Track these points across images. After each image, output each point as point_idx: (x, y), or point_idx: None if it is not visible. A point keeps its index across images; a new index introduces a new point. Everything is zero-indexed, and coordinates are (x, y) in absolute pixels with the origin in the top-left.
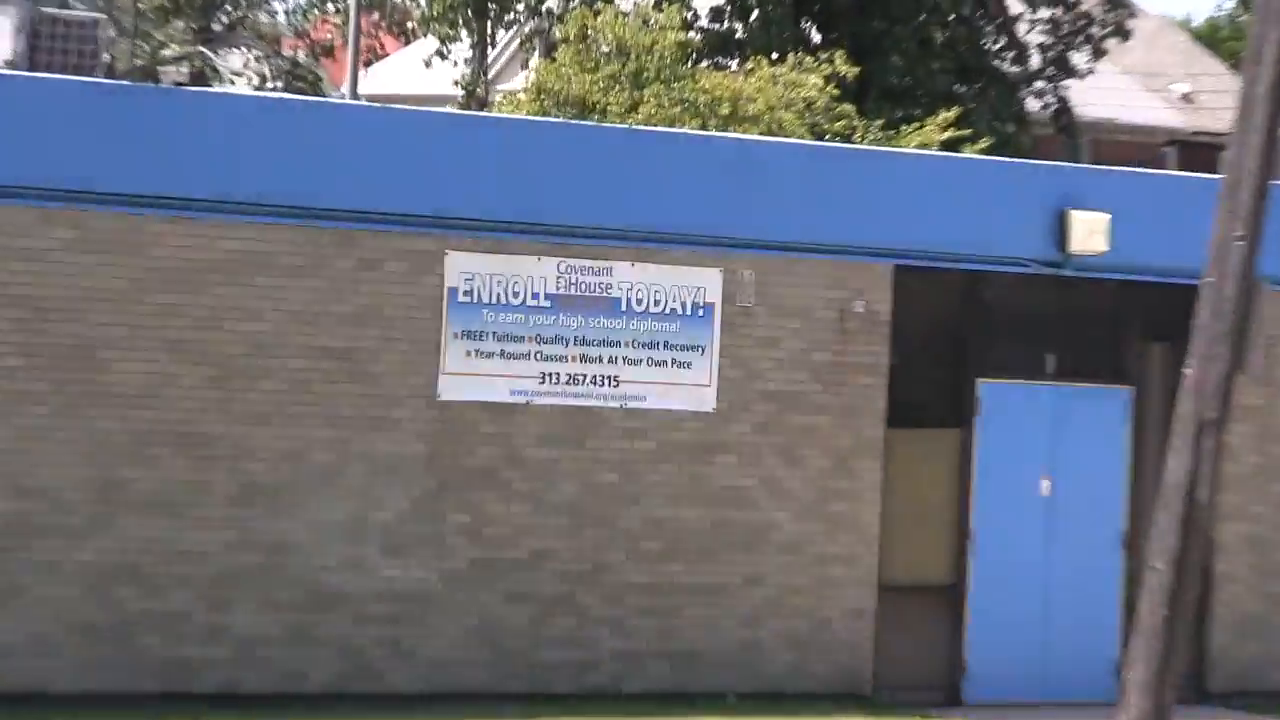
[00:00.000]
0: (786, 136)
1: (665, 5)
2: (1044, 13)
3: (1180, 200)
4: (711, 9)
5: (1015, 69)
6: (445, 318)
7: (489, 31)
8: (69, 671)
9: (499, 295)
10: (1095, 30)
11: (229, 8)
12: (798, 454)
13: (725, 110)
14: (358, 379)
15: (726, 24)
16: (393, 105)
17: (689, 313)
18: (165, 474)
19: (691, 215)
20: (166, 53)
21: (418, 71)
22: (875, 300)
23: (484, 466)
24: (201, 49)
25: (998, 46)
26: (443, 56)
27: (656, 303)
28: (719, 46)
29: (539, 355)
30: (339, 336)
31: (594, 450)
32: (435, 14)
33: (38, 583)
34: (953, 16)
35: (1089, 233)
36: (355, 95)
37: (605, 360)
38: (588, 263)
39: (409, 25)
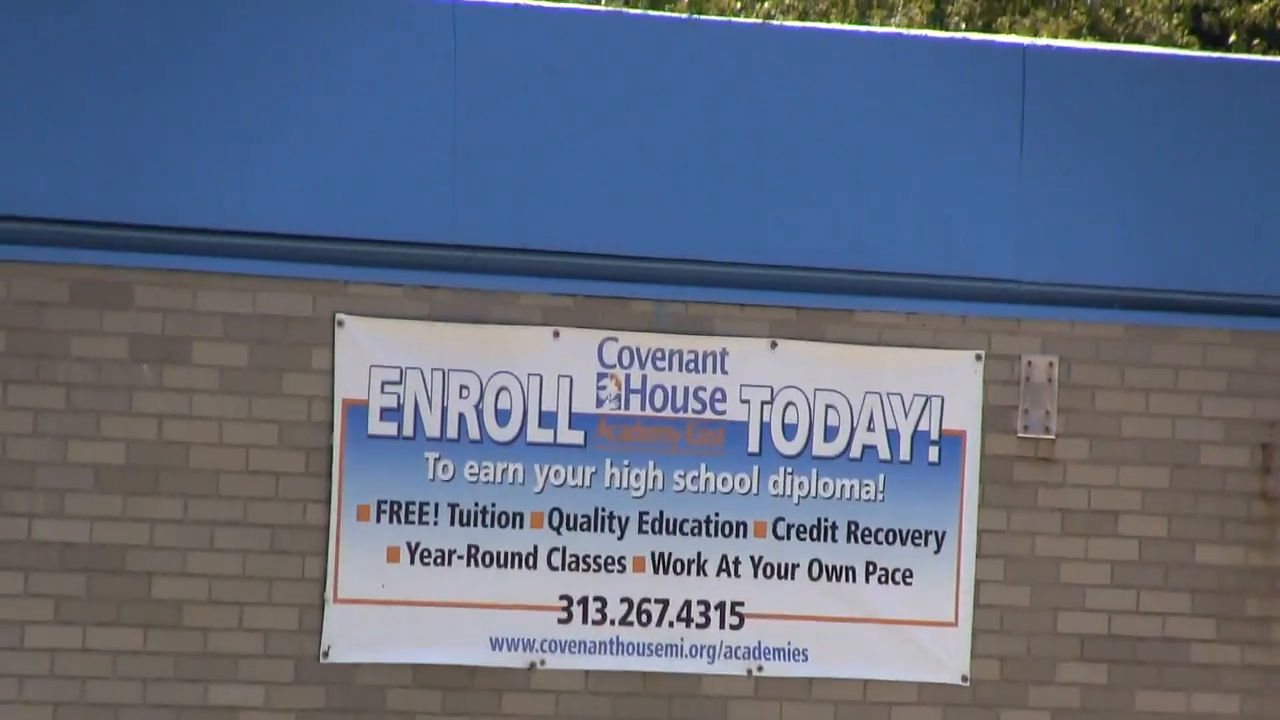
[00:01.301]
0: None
1: None
2: None
3: None
4: None
5: None
6: (339, 468)
7: None
8: None
9: (464, 419)
10: None
11: None
12: None
13: None
14: (132, 608)
15: None
16: None
17: (907, 455)
18: None
19: (906, 226)
20: None
21: None
22: None
23: None
24: None
25: None
26: None
27: (830, 433)
28: None
29: (559, 557)
30: (82, 514)
31: None
32: None
33: None
34: None
35: None
36: None
37: (713, 568)
38: (672, 341)
39: None
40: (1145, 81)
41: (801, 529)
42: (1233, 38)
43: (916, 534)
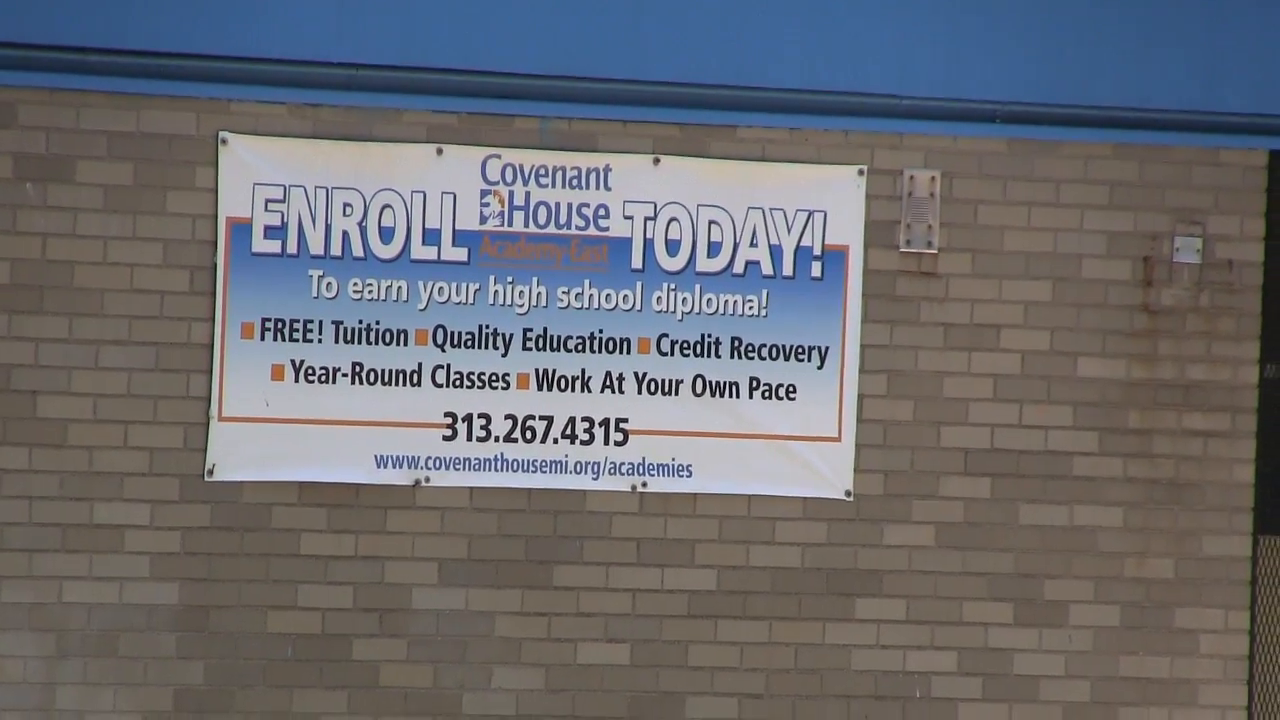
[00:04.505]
0: None
1: None
2: None
3: None
4: None
5: None
6: (223, 286)
7: None
8: None
9: (348, 236)
10: None
11: None
12: (1049, 598)
13: None
14: (17, 426)
15: None
16: None
17: (790, 271)
18: None
19: (789, 41)
20: None
21: None
22: (1225, 234)
23: (318, 634)
24: None
25: None
26: None
27: (714, 249)
28: None
29: (444, 374)
30: None
31: (574, 590)
32: None
33: None
34: None
35: None
36: None
37: (597, 384)
38: (555, 158)
39: None
40: None
41: (685, 345)
42: None
43: (800, 349)
